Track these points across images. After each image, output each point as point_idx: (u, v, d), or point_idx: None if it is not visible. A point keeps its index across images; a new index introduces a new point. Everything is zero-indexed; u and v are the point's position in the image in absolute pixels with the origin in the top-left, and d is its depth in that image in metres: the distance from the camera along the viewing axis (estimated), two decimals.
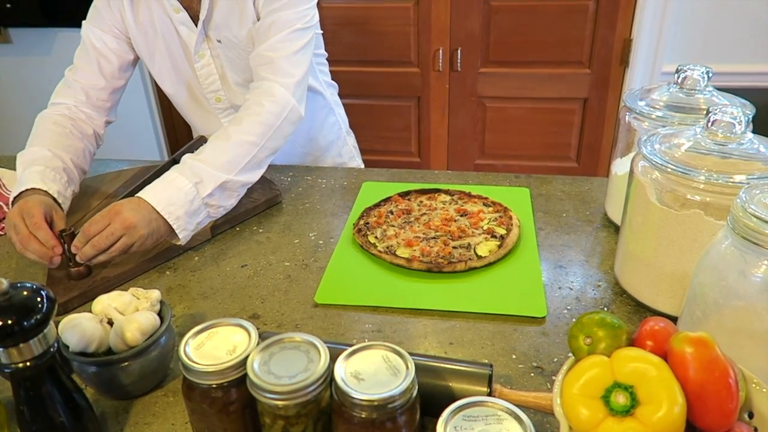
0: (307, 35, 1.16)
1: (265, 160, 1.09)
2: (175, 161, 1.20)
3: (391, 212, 1.10)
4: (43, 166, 1.05)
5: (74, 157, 1.13)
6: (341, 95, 1.55)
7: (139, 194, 0.96)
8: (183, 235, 0.98)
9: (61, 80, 1.28)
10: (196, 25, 1.20)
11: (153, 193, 0.96)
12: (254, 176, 1.08)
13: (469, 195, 1.15)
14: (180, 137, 3.55)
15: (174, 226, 0.96)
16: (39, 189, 1.00)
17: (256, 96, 1.10)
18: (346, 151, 1.56)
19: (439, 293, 0.90)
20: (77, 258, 0.91)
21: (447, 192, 1.17)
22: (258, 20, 1.17)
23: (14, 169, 1.27)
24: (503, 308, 0.86)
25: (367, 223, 1.07)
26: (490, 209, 1.11)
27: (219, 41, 1.23)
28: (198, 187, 0.98)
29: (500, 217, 1.07)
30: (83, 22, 1.27)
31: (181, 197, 0.96)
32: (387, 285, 0.93)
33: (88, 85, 1.24)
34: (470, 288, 0.91)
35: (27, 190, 1.00)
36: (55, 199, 1.02)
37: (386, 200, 1.15)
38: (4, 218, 1.13)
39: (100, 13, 1.26)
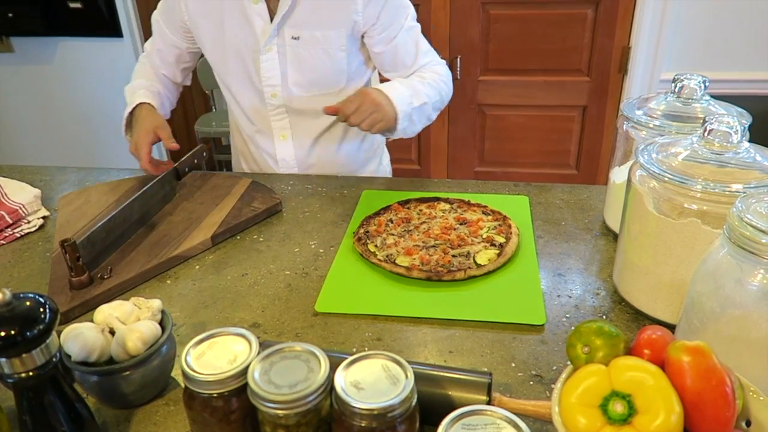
0: (419, 29, 1.34)
1: (436, 113, 1.34)
2: (177, 171, 1.21)
3: (391, 221, 1.11)
4: (144, 91, 1.33)
5: (165, 90, 1.41)
6: None
7: (375, 86, 1.21)
8: (400, 127, 1.23)
9: (142, 54, 1.46)
10: (271, 19, 1.23)
11: (388, 88, 1.20)
12: (434, 116, 1.33)
13: (469, 203, 1.16)
14: (181, 148, 3.56)
15: (400, 117, 1.21)
16: (145, 103, 1.29)
17: (430, 68, 1.33)
18: (381, 171, 1.56)
19: (439, 302, 0.91)
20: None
21: (446, 200, 1.18)
22: (357, 30, 1.27)
23: (17, 179, 1.28)
24: (502, 316, 0.87)
25: (367, 232, 1.07)
26: (490, 218, 1.11)
27: (295, 38, 1.24)
28: (412, 98, 1.23)
29: (499, 225, 1.08)
30: (156, 10, 1.38)
31: (404, 100, 1.22)
32: (387, 293, 0.93)
33: (157, 67, 1.42)
34: (470, 296, 0.92)
35: (138, 105, 1.29)
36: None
37: (386, 209, 1.15)
38: (6, 227, 1.13)
39: (167, 3, 1.33)
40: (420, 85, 1.28)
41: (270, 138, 1.39)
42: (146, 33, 3.06)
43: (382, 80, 1.40)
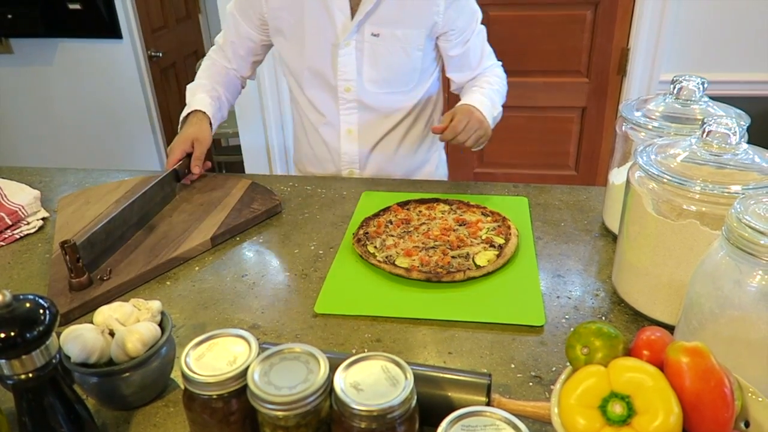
0: (485, 32, 1.40)
1: None
2: (177, 173, 1.21)
3: (391, 222, 1.11)
4: (205, 94, 1.35)
5: (226, 92, 1.42)
6: None
7: (465, 102, 1.27)
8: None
9: (212, 48, 1.47)
10: (352, 16, 1.24)
11: (478, 103, 1.26)
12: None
13: (468, 204, 1.16)
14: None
15: (489, 126, 1.26)
16: (199, 111, 1.31)
17: (492, 71, 1.40)
18: (438, 173, 1.56)
19: (438, 303, 0.91)
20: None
21: (446, 202, 1.18)
22: (435, 31, 1.30)
23: (17, 180, 1.28)
24: (502, 317, 0.87)
25: (367, 233, 1.07)
26: (489, 219, 1.11)
27: (375, 35, 1.26)
28: (493, 109, 1.30)
29: (499, 226, 1.08)
30: (230, 3, 1.38)
31: (490, 113, 1.28)
32: (386, 295, 0.93)
33: (228, 59, 1.43)
34: (469, 297, 0.92)
35: (193, 111, 1.32)
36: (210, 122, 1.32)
37: (385, 210, 1.15)
38: (6, 228, 1.13)
39: None
40: (495, 95, 1.34)
41: (336, 131, 1.40)
42: (145, 34, 3.06)
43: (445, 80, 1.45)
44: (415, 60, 1.31)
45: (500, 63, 1.44)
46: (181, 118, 1.34)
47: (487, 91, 1.33)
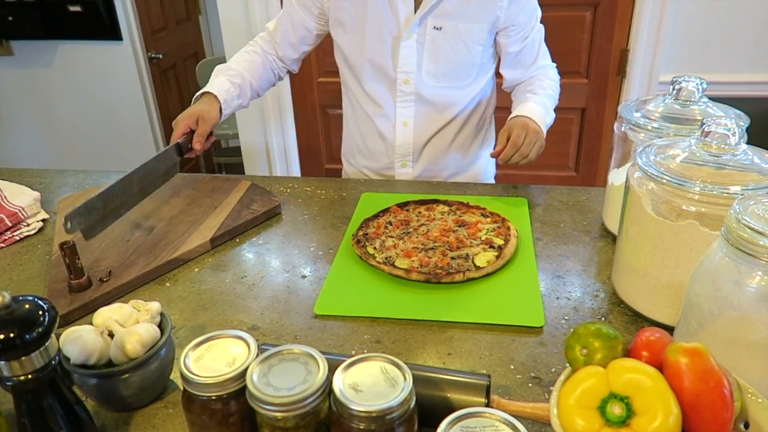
0: (543, 31, 1.39)
1: None
2: (180, 146, 1.21)
3: (390, 223, 1.11)
4: (225, 78, 1.32)
5: (253, 80, 1.38)
6: (340, 105, 1.56)
7: (519, 113, 1.26)
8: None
9: (261, 34, 1.46)
10: (415, 9, 1.24)
11: (531, 113, 1.26)
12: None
13: (468, 206, 1.16)
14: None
15: (544, 134, 1.26)
16: (211, 93, 1.29)
17: (542, 74, 1.39)
18: (487, 176, 1.54)
19: (438, 304, 0.91)
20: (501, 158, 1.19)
21: (445, 203, 1.18)
22: (496, 26, 1.30)
23: (17, 182, 1.28)
24: (501, 318, 0.87)
25: (366, 234, 1.07)
26: (488, 220, 1.11)
27: (437, 28, 1.26)
28: (546, 117, 1.29)
29: (498, 227, 1.08)
30: None
31: (544, 120, 1.28)
32: (386, 296, 0.93)
33: (277, 46, 1.42)
34: (468, 298, 0.92)
35: (206, 92, 1.29)
36: (221, 106, 1.29)
37: (385, 211, 1.15)
38: (6, 230, 1.13)
39: None
40: (548, 100, 1.34)
41: (392, 123, 1.40)
42: (145, 36, 3.06)
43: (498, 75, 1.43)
44: (475, 55, 1.31)
45: (555, 65, 1.43)
46: (194, 96, 1.33)
47: (540, 98, 1.32)
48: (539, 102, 1.30)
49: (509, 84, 1.42)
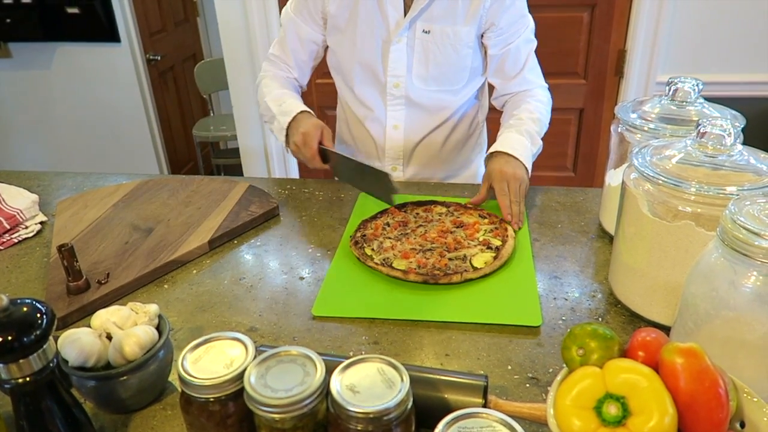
0: (535, 45, 1.36)
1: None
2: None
3: (388, 224, 1.11)
4: (296, 99, 1.34)
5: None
6: (335, 107, 1.56)
7: (498, 148, 1.21)
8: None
9: (266, 59, 1.45)
10: (405, 13, 1.25)
11: (512, 149, 1.20)
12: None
13: (465, 207, 1.16)
14: (179, 150, 3.57)
15: (528, 169, 1.21)
16: (307, 111, 1.30)
17: (530, 94, 1.35)
18: (480, 179, 1.54)
19: (435, 305, 0.91)
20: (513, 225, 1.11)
21: (443, 204, 1.18)
22: (480, 27, 1.29)
23: (15, 184, 1.28)
24: (499, 319, 0.87)
25: (364, 236, 1.07)
26: (486, 221, 1.11)
27: (426, 32, 1.27)
28: (532, 146, 1.25)
29: (496, 228, 1.08)
30: (287, 9, 1.37)
31: (527, 153, 1.23)
32: (383, 297, 0.93)
33: (290, 68, 1.42)
34: (466, 299, 0.92)
35: (299, 113, 1.29)
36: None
37: (383, 212, 1.15)
38: (4, 233, 1.13)
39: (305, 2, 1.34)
40: (534, 127, 1.29)
41: (382, 126, 1.40)
42: (144, 38, 3.07)
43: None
44: (464, 58, 1.31)
45: (547, 86, 1.40)
46: (284, 128, 1.29)
47: (525, 127, 1.27)
48: (523, 132, 1.26)
49: (497, 95, 1.41)
